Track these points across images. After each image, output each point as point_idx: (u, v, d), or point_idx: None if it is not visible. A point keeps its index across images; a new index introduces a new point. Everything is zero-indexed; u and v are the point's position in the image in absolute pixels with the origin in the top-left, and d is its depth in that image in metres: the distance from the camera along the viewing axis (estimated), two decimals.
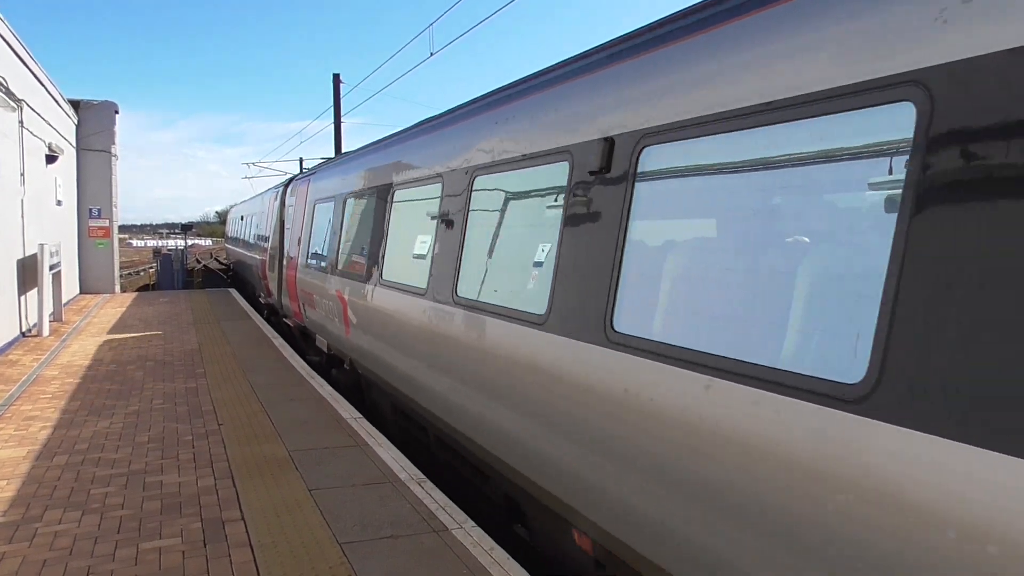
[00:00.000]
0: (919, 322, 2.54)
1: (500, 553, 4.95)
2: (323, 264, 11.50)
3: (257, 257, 21.10)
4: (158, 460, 6.97)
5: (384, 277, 8.31)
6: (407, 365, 7.45)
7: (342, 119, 28.08)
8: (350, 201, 10.47)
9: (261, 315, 18.05)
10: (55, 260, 16.33)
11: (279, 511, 5.69)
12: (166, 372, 11.12)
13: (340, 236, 10.74)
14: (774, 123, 3.28)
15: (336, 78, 27.84)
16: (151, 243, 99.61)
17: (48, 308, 15.35)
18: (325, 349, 11.71)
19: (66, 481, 6.40)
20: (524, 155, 5.52)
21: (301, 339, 14.03)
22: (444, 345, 6.46)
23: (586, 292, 4.44)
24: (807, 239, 3.14)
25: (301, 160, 41.32)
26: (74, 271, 22.39)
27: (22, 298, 14.56)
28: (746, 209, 3.44)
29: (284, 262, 15.48)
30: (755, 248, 3.37)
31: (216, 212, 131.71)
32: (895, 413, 2.53)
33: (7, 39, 14.22)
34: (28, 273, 14.84)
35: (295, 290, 13.77)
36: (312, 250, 12.64)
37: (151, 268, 45.20)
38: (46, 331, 14.85)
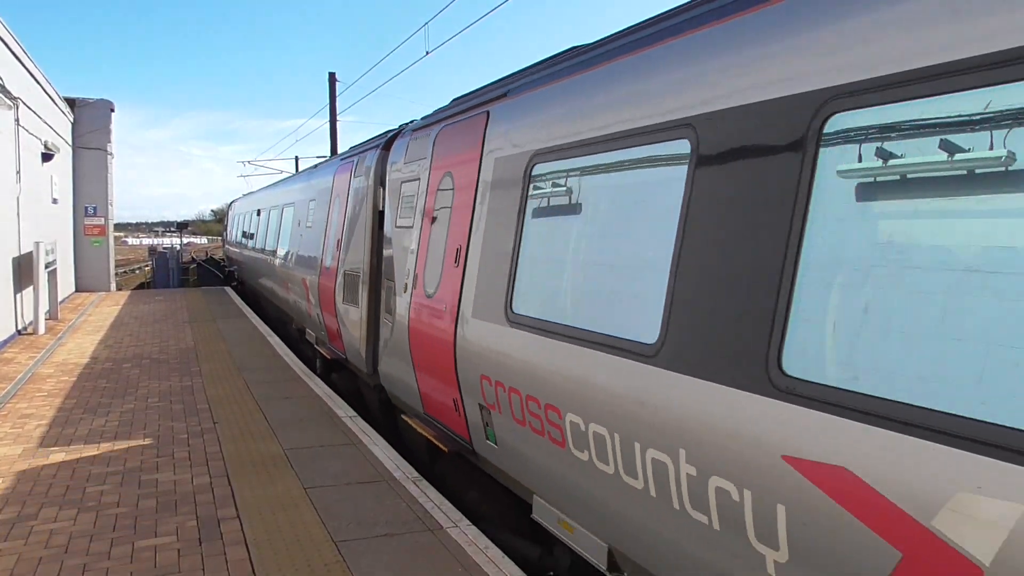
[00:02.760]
0: (689, 302, 3.51)
1: (495, 552, 4.98)
2: (235, 242, 27.66)
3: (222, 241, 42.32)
4: (153, 458, 6.98)
5: (254, 245, 20.96)
6: (253, 277, 21.20)
7: (338, 117, 28.03)
8: (244, 215, 25.46)
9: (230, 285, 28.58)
10: (51, 258, 16.31)
11: (274, 509, 5.71)
12: (161, 370, 11.12)
13: (238, 230, 26.53)
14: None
15: (332, 77, 27.76)
16: (147, 241, 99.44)
17: (44, 306, 15.33)
18: (236, 276, 27.37)
19: (62, 479, 6.41)
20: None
21: (228, 275, 29.31)
22: (257, 266, 20.36)
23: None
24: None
25: (297, 159, 41.30)
26: (70, 269, 22.35)
27: (18, 296, 14.53)
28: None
29: (227, 243, 33.68)
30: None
31: (212, 210, 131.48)
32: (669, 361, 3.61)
33: (3, 37, 14.20)
34: (24, 271, 14.81)
35: (230, 252, 30.70)
36: (232, 236, 29.89)
37: (147, 266, 45.13)
38: (42, 329, 14.84)
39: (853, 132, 2.82)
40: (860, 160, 2.79)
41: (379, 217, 8.83)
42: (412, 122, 8.80)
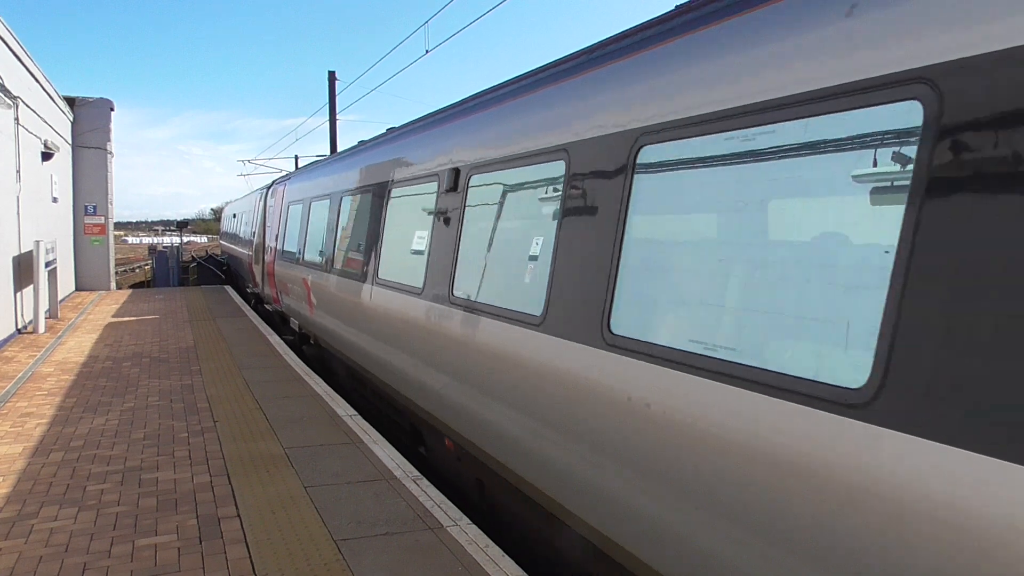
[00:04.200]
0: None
1: (495, 551, 4.98)
2: (223, 233, 41.59)
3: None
4: (154, 457, 6.99)
5: (232, 237, 31.82)
6: (233, 261, 31.31)
7: (338, 116, 28.02)
8: (228, 217, 37.58)
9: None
10: (51, 257, 16.31)
11: (274, 508, 5.71)
12: (161, 369, 11.12)
13: (225, 227, 39.43)
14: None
15: (332, 76, 27.74)
16: (147, 240, 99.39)
17: (44, 305, 15.33)
18: (225, 263, 37.26)
19: (62, 478, 6.41)
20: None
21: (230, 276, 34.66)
22: (233, 252, 30.78)
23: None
24: None
25: (297, 158, 41.34)
26: (70, 268, 22.35)
27: (18, 295, 14.54)
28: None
29: (224, 239, 40.96)
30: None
31: (212, 209, 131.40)
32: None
33: (3, 36, 14.19)
34: (24, 270, 14.82)
35: (222, 246, 41.94)
36: (226, 230, 38.41)
37: (147, 265, 45.16)
38: (42, 328, 14.84)
39: (477, 182, 6.05)
40: (473, 197, 6.07)
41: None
42: (278, 177, 19.27)
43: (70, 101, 23.10)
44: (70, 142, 22.91)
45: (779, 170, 3.15)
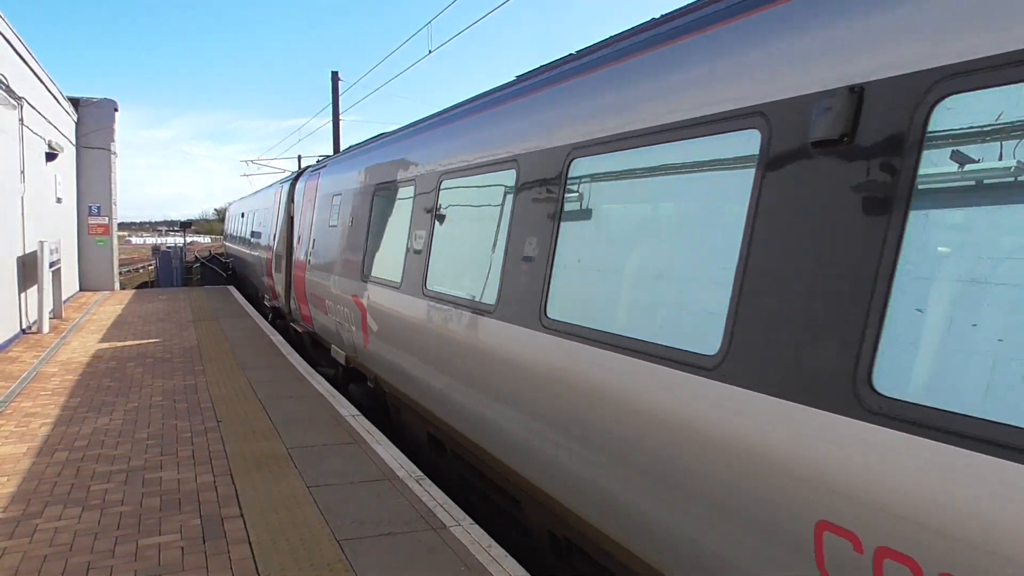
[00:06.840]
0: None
1: (498, 551, 4.99)
2: (237, 237, 32.95)
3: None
4: (157, 456, 7.01)
5: (244, 238, 27.97)
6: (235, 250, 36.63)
7: (341, 116, 28.06)
8: (235, 217, 33.51)
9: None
10: (55, 257, 16.35)
11: (277, 508, 5.73)
12: (165, 369, 11.15)
13: (240, 227, 30.85)
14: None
15: (335, 76, 27.77)
16: (150, 240, 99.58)
17: (48, 305, 15.38)
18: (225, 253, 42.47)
19: (66, 477, 6.43)
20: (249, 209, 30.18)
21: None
22: (239, 252, 30.56)
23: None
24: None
25: (300, 158, 41.36)
26: (74, 268, 22.40)
27: (22, 295, 14.58)
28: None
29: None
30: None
31: (215, 210, 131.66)
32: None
33: (8, 37, 14.23)
34: (28, 270, 14.86)
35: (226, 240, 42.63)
36: (238, 232, 35.34)
37: (150, 265, 45.28)
38: (46, 328, 14.88)
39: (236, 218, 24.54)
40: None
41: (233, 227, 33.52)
42: (237, 199, 35.60)
43: (74, 102, 23.16)
44: (74, 143, 22.96)
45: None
